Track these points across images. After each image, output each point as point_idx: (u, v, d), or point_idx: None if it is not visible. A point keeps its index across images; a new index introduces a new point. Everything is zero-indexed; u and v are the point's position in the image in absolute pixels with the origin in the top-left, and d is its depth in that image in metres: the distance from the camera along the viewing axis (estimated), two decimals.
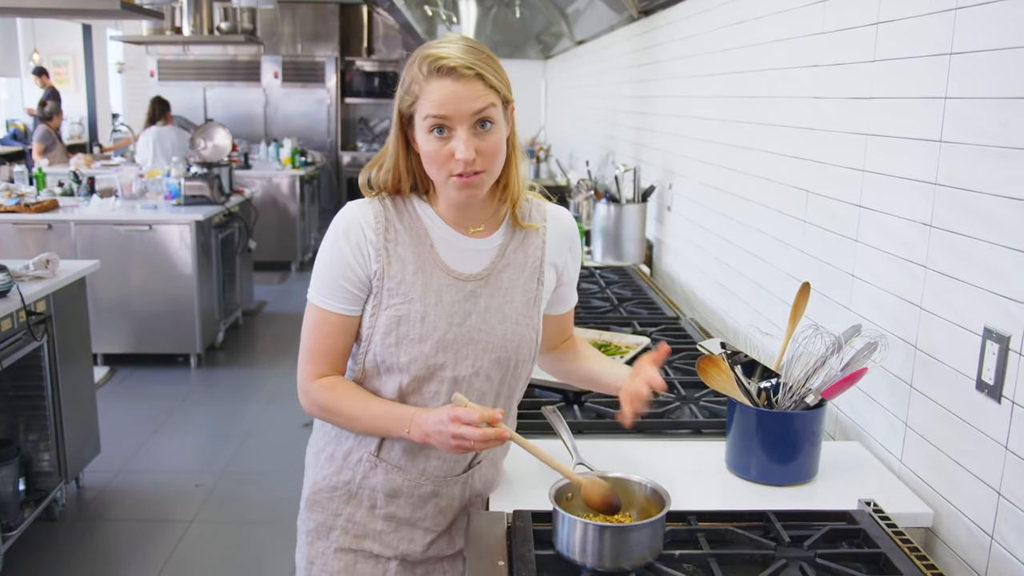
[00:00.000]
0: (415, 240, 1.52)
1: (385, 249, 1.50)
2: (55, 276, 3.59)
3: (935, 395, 1.60)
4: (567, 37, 6.37)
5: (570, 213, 1.69)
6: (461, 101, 1.41)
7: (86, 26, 12.34)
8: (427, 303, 1.50)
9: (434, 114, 1.41)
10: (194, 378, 5.53)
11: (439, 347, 1.50)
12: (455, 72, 1.40)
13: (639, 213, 3.78)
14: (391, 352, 1.50)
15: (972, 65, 1.49)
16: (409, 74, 1.45)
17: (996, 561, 1.42)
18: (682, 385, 2.19)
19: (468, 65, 1.41)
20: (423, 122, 1.43)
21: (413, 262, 1.51)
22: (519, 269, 1.58)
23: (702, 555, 1.39)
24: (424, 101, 1.42)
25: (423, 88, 1.42)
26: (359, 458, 1.59)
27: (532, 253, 1.60)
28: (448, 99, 1.41)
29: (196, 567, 3.36)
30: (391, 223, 1.52)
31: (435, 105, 1.41)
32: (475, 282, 1.54)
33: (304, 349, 1.56)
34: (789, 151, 2.31)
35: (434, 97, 1.41)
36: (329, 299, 1.52)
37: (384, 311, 1.50)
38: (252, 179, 8.11)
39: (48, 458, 3.59)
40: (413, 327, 1.49)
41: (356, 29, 11.25)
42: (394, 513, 1.61)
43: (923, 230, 1.64)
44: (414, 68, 1.44)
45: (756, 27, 2.60)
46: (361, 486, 1.60)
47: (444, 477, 1.60)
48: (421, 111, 1.43)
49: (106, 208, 5.61)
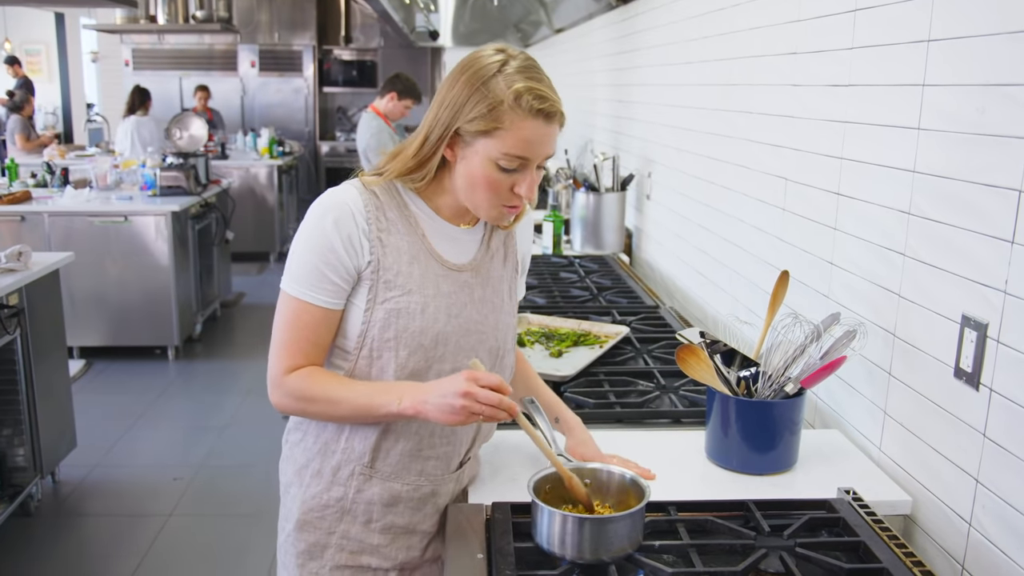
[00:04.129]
0: (407, 228, 1.47)
1: (379, 239, 1.43)
2: (28, 269, 3.54)
3: (914, 383, 1.60)
4: (546, 25, 6.34)
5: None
6: (546, 145, 1.40)
7: (59, 14, 12.17)
8: (426, 294, 1.46)
9: (518, 153, 1.37)
10: (172, 370, 5.49)
11: (438, 340, 1.47)
12: (555, 117, 1.38)
13: (618, 202, 3.78)
14: (389, 346, 1.45)
15: (950, 52, 1.49)
16: (490, 96, 1.36)
17: (974, 548, 1.42)
18: (661, 374, 2.19)
19: (561, 111, 1.39)
20: (496, 152, 1.37)
21: (408, 251, 1.46)
22: (501, 259, 1.59)
23: (682, 545, 1.39)
24: (511, 135, 1.36)
25: (515, 122, 1.35)
26: (350, 472, 1.53)
27: (508, 243, 1.61)
28: (539, 142, 1.38)
29: (175, 561, 3.34)
30: (381, 211, 1.45)
31: (524, 145, 1.37)
32: (467, 272, 1.52)
33: (278, 342, 1.47)
34: (768, 139, 2.30)
35: (527, 136, 1.36)
36: (311, 291, 1.43)
37: (381, 304, 1.44)
38: (229, 169, 8.04)
39: (23, 453, 3.55)
40: (413, 319, 1.44)
41: (334, 18, 11.17)
42: (392, 523, 1.55)
43: (901, 218, 1.63)
44: (502, 95, 1.35)
45: (735, 15, 2.59)
46: (355, 501, 1.54)
47: (442, 475, 1.57)
48: (501, 142, 1.36)
49: (80, 199, 5.53)
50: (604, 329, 2.49)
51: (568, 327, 2.51)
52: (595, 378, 2.17)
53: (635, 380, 2.16)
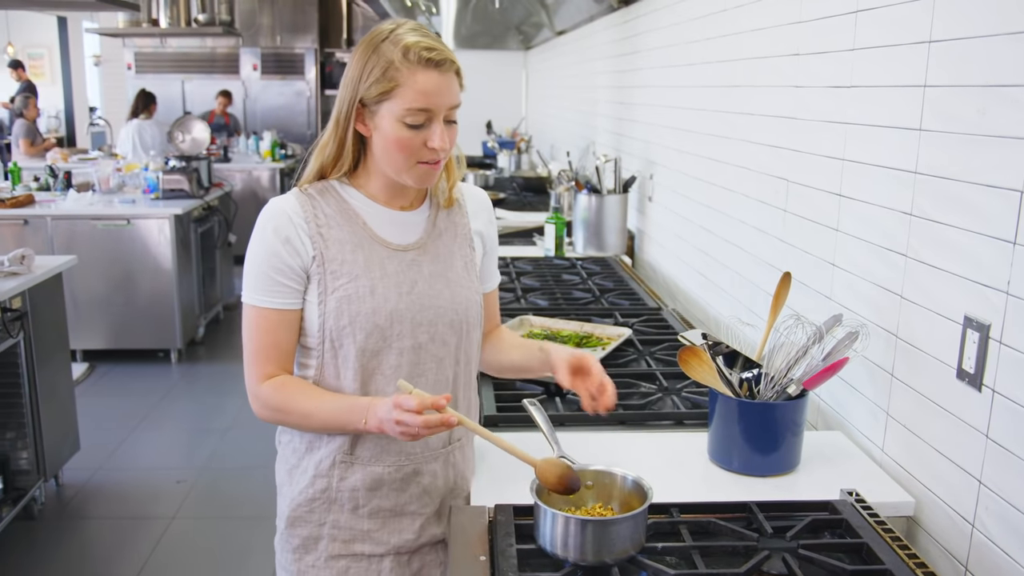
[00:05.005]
0: (346, 220, 1.53)
1: (319, 234, 1.50)
2: (31, 272, 3.55)
3: (916, 384, 1.60)
4: (547, 27, 6.34)
5: (482, 190, 1.75)
6: (445, 94, 1.45)
7: (61, 18, 12.19)
8: (373, 276, 1.51)
9: (418, 106, 1.43)
10: (174, 373, 5.49)
11: (393, 318, 1.51)
12: (444, 64, 1.43)
13: (620, 204, 3.77)
14: (346, 332, 1.50)
15: (951, 53, 1.49)
16: (382, 60, 1.43)
17: (977, 549, 1.42)
18: (664, 376, 2.19)
19: (452, 59, 1.45)
20: (399, 110, 1.43)
21: (350, 240, 1.52)
22: (451, 237, 1.62)
23: (685, 547, 1.39)
24: (407, 90, 1.42)
25: (407, 77, 1.42)
26: (332, 462, 1.57)
27: (459, 222, 1.65)
28: (435, 91, 1.43)
29: (178, 563, 3.34)
30: (318, 208, 1.52)
31: (421, 96, 1.42)
32: (414, 251, 1.56)
33: (248, 352, 1.54)
34: (769, 140, 2.30)
35: (422, 87, 1.42)
36: (265, 296, 1.50)
37: (332, 294, 1.50)
38: (232, 172, 8.06)
39: (26, 456, 3.55)
40: (364, 302, 1.49)
41: (335, 21, 11.19)
42: (379, 507, 1.58)
43: (903, 219, 1.63)
44: (391, 54, 1.43)
45: (736, 16, 2.59)
46: (340, 489, 1.57)
47: (422, 453, 1.58)
48: (401, 100, 1.43)
49: (83, 203, 5.55)
50: (606, 331, 2.49)
51: (570, 329, 2.51)
52: None
53: (637, 382, 2.16)
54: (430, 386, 1.55)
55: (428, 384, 1.55)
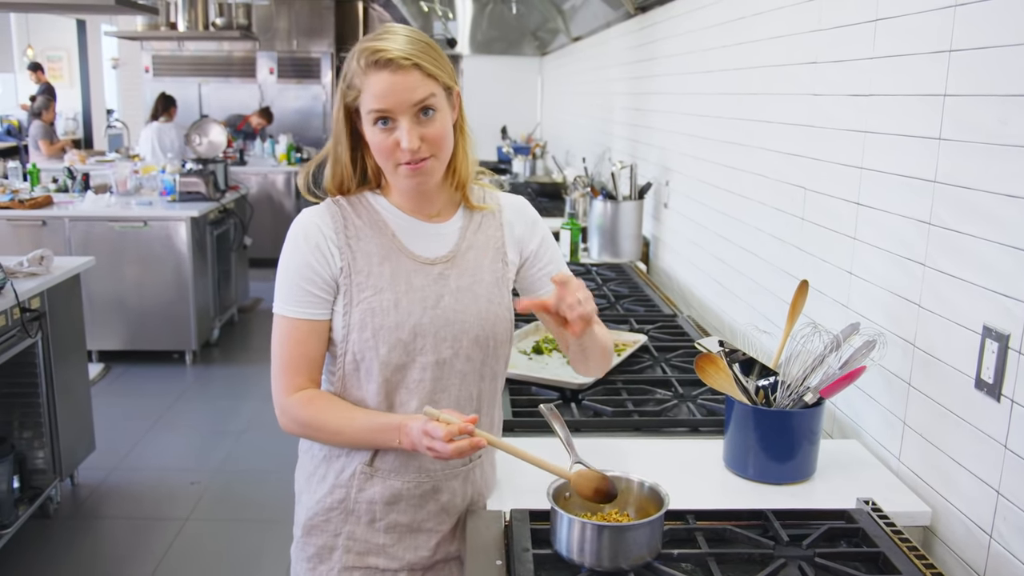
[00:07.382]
0: (376, 232, 1.53)
1: (348, 245, 1.51)
2: (49, 272, 3.58)
3: (934, 393, 1.60)
4: (563, 33, 6.35)
5: (523, 198, 1.69)
6: (400, 92, 1.42)
7: (80, 21, 12.28)
8: (398, 290, 1.50)
9: (375, 108, 1.43)
10: (189, 375, 5.52)
11: (416, 332, 1.50)
12: (392, 64, 1.41)
13: (636, 210, 3.78)
14: (369, 345, 1.49)
15: (971, 62, 1.48)
16: (349, 68, 1.45)
17: (995, 560, 1.41)
18: (680, 383, 2.19)
19: (405, 56, 1.41)
20: (368, 115, 1.45)
21: (378, 253, 1.52)
22: (482, 250, 1.59)
23: (700, 554, 1.39)
24: (366, 95, 1.43)
25: (363, 81, 1.43)
26: (352, 472, 1.56)
27: (492, 235, 1.61)
28: (387, 91, 1.42)
29: (191, 564, 3.35)
30: (349, 220, 1.53)
31: (376, 98, 1.43)
32: (442, 264, 1.54)
33: (277, 363, 1.53)
34: (787, 148, 2.30)
35: (374, 90, 1.42)
36: (296, 307, 1.50)
37: (356, 306, 1.49)
38: (248, 175, 8.09)
39: (43, 455, 3.58)
40: (388, 316, 1.49)
41: (352, 25, 11.22)
42: (396, 521, 1.57)
43: (922, 228, 1.63)
44: (353, 62, 1.45)
45: (754, 23, 2.59)
46: (357, 500, 1.56)
47: (442, 470, 1.57)
48: (364, 105, 1.44)
49: (100, 204, 5.58)
50: (622, 337, 2.49)
51: None
52: (613, 386, 2.17)
53: (653, 388, 2.16)
54: (452, 402, 1.54)
55: (451, 400, 1.54)
